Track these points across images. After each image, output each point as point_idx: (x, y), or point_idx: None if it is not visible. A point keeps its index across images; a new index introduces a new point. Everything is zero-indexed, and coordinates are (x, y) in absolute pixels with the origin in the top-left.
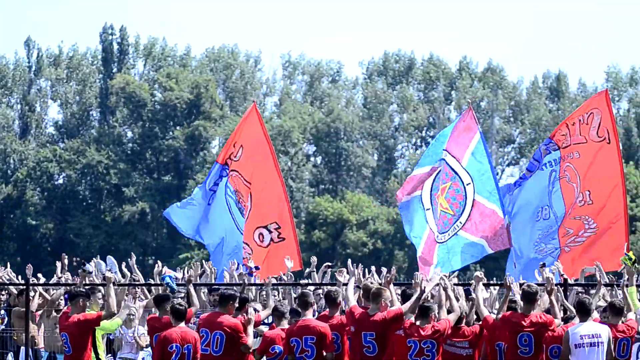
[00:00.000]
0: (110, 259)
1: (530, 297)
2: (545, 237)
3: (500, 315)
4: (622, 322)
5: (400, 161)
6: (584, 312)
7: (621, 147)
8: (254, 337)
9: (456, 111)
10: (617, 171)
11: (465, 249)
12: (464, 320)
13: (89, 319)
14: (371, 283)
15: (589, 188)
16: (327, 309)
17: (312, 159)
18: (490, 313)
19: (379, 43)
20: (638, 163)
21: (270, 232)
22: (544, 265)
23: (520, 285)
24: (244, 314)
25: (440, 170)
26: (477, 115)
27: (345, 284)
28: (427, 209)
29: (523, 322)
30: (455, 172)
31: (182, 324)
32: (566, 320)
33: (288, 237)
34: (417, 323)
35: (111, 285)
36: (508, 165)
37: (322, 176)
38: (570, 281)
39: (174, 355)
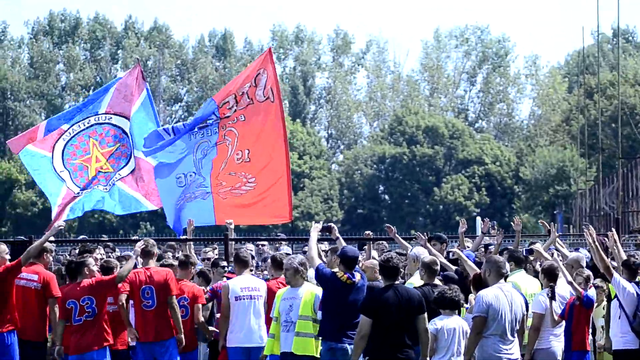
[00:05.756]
0: None
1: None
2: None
3: None
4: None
5: None
6: (242, 264)
7: (288, 105)
8: None
9: (123, 70)
10: (279, 129)
11: (122, 198)
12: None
13: None
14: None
15: (249, 147)
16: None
17: None
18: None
19: (44, 3)
20: (305, 120)
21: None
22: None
23: None
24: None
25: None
26: (144, 74)
27: None
28: (62, 171)
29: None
30: (124, 132)
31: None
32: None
33: None
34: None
35: None
36: (176, 123)
37: None
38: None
39: None
